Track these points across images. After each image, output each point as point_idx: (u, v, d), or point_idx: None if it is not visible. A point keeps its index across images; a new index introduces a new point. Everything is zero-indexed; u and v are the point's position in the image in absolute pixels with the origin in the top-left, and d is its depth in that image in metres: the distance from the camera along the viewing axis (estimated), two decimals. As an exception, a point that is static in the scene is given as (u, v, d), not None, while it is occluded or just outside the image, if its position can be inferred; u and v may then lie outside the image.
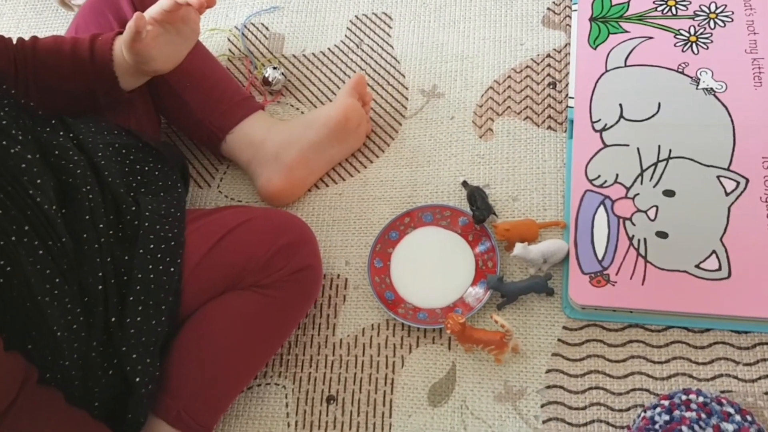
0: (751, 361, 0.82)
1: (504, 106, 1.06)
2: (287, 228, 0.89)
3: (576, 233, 0.91)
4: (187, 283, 0.83)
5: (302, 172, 1.03)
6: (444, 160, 1.04)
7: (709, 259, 0.86)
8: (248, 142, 1.02)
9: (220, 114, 1.02)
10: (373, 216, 1.02)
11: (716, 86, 0.97)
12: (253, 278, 0.85)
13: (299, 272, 0.88)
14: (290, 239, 0.88)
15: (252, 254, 0.86)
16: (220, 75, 1.05)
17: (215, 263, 0.85)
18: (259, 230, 0.88)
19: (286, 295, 0.87)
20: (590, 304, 0.87)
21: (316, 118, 1.02)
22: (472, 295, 0.92)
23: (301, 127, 1.02)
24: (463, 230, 0.97)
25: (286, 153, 1.00)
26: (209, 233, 0.87)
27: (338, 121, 1.01)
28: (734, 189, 0.89)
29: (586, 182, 0.94)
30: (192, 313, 0.85)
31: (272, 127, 1.02)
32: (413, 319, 0.91)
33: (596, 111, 0.99)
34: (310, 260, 0.90)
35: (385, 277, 0.96)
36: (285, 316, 0.89)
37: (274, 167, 1.01)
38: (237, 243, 0.86)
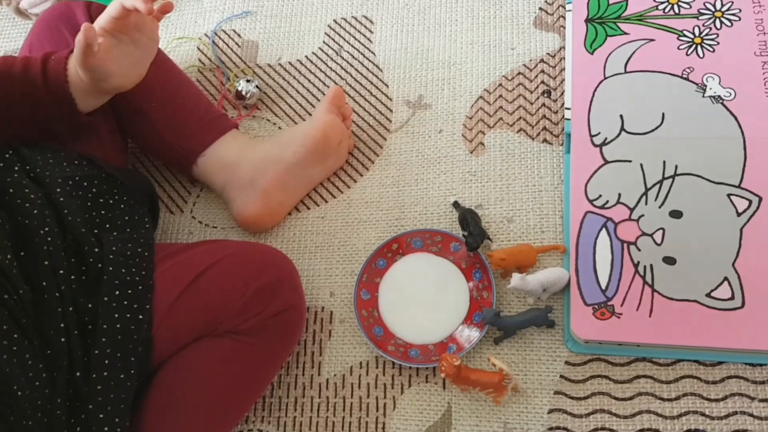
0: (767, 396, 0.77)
1: (495, 117, 0.99)
2: (265, 266, 0.82)
3: (577, 260, 0.84)
4: (157, 331, 0.77)
5: (280, 196, 0.95)
6: (433, 178, 0.97)
7: (720, 287, 0.80)
8: (221, 166, 0.94)
9: (189, 136, 0.94)
10: (358, 241, 0.95)
11: (724, 94, 0.90)
12: (229, 324, 0.79)
13: (280, 314, 0.81)
14: (268, 279, 0.81)
15: (227, 298, 0.79)
16: (188, 91, 0.97)
17: (187, 309, 0.78)
18: (234, 270, 0.81)
19: (266, 340, 0.80)
20: (594, 338, 0.80)
21: (294, 138, 0.94)
22: (467, 329, 0.86)
23: (277, 148, 0.94)
24: (456, 257, 0.90)
25: (262, 176, 0.93)
26: (180, 275, 0.80)
27: (317, 140, 0.93)
28: (746, 208, 0.83)
29: (587, 203, 0.87)
30: (164, 363, 0.78)
31: (247, 148, 0.95)
32: (404, 357, 0.85)
33: (595, 123, 0.91)
34: (291, 300, 0.83)
35: (373, 310, 0.89)
36: (266, 363, 0.82)
37: (250, 192, 0.94)
38: (210, 286, 0.79)
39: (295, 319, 0.84)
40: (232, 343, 0.79)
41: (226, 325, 0.79)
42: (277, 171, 0.93)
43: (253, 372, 0.81)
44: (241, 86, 1.04)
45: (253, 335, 0.79)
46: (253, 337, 0.79)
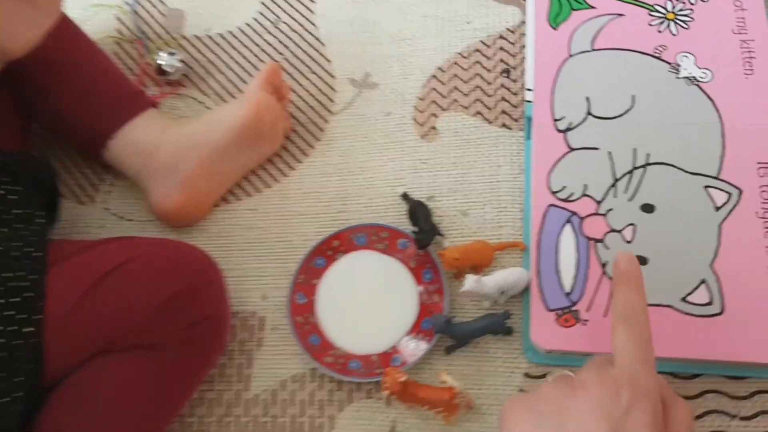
0: (748, 414, 0.69)
1: (450, 98, 0.88)
2: (180, 268, 0.71)
3: (538, 259, 0.75)
4: (50, 344, 0.65)
5: (206, 186, 0.84)
6: (380, 166, 0.86)
7: (697, 291, 0.71)
8: (136, 150, 0.82)
9: (98, 116, 0.81)
10: (295, 237, 0.84)
11: (700, 74, 0.81)
12: (136, 338, 0.67)
13: (197, 325, 0.70)
14: (184, 284, 0.69)
15: (133, 308, 0.67)
16: (99, 65, 0.84)
17: (86, 319, 0.66)
18: (144, 274, 0.69)
19: (181, 354, 0.69)
20: (557, 348, 0.71)
21: (221, 118, 0.82)
22: (415, 338, 0.76)
23: (202, 130, 0.82)
24: (404, 255, 0.80)
25: (184, 163, 0.81)
26: (79, 278, 0.68)
27: (248, 121, 0.82)
28: (725, 202, 0.74)
29: (549, 195, 0.78)
30: (57, 383, 0.66)
31: (167, 130, 0.83)
32: (344, 370, 0.75)
33: (559, 107, 0.82)
34: (211, 309, 0.72)
35: (310, 316, 0.78)
36: (181, 380, 0.71)
37: (170, 180, 0.82)
38: (115, 293, 0.67)
39: (216, 330, 0.73)
40: (140, 358, 0.67)
41: (132, 338, 0.67)
42: (202, 156, 0.81)
43: (166, 390, 0.70)
44: (163, 60, 0.91)
45: (165, 349, 0.68)
46: (165, 352, 0.68)
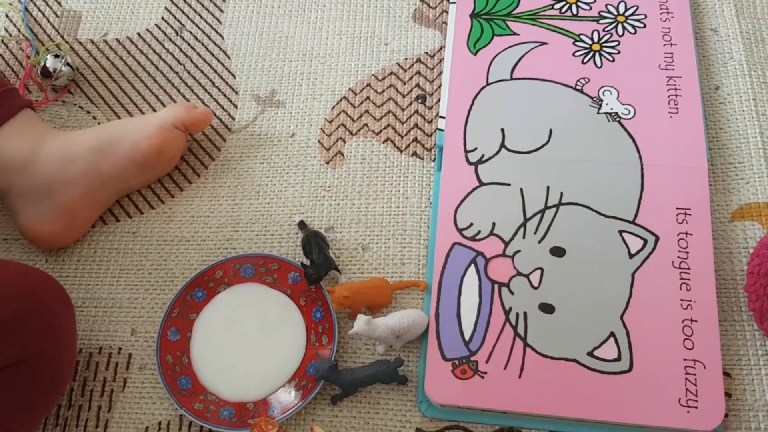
0: (655, 483, 0.62)
1: (360, 122, 0.82)
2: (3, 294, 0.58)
3: (439, 302, 0.68)
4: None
5: (87, 213, 0.75)
6: (278, 191, 0.79)
7: (605, 345, 0.65)
8: (3, 164, 0.72)
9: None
10: (176, 265, 0.75)
11: (622, 111, 0.76)
12: None
13: (11, 368, 0.57)
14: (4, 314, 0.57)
15: None
16: None
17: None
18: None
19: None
20: (451, 403, 0.64)
21: (117, 144, 0.73)
22: (296, 386, 0.67)
23: (90, 152, 0.73)
24: (294, 290, 0.72)
25: (65, 188, 0.72)
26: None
27: (148, 156, 0.74)
28: (640, 249, 0.69)
29: (455, 232, 0.71)
30: None
31: (43, 142, 0.73)
32: (213, 418, 0.66)
33: (472, 137, 0.76)
34: (33, 348, 0.58)
35: (183, 355, 0.70)
36: None
37: (46, 206, 0.72)
38: None
39: (44, 374, 0.60)
40: None
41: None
42: (88, 185, 0.73)
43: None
44: (48, 62, 0.83)
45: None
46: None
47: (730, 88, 0.79)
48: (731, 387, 0.65)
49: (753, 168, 0.74)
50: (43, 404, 0.63)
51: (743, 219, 0.72)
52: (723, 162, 0.75)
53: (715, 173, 0.75)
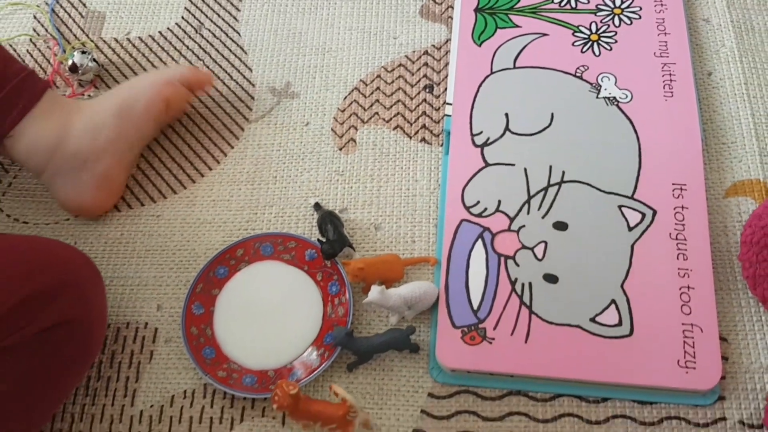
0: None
1: (371, 111, 0.86)
2: (42, 267, 0.63)
3: (447, 275, 0.72)
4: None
5: (122, 175, 0.81)
6: (294, 176, 0.83)
7: (607, 312, 0.69)
8: (37, 146, 0.76)
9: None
10: (198, 246, 0.79)
11: (620, 95, 0.80)
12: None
13: (51, 330, 0.61)
14: (43, 283, 0.61)
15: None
16: None
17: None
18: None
19: (33, 363, 0.61)
20: (461, 367, 0.68)
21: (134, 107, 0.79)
22: (316, 353, 0.71)
23: (114, 118, 0.78)
24: (311, 266, 0.76)
25: (99, 159, 0.77)
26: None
27: (161, 111, 0.81)
28: (639, 222, 0.73)
29: (463, 210, 0.75)
30: None
31: (70, 119, 0.77)
32: (237, 385, 0.70)
33: (477, 122, 0.80)
34: (71, 313, 0.63)
35: (206, 327, 0.74)
36: (32, 392, 0.63)
37: (83, 177, 0.77)
38: None
39: (76, 338, 0.64)
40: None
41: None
42: (118, 149, 0.79)
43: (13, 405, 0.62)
44: (76, 58, 0.87)
45: (12, 354, 0.60)
46: (11, 357, 0.60)
47: (722, 73, 0.83)
48: (727, 351, 0.69)
49: (745, 147, 0.78)
50: (77, 367, 0.67)
51: (737, 195, 0.76)
52: (717, 142, 0.79)
53: (709, 153, 0.79)
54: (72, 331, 0.63)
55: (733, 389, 0.67)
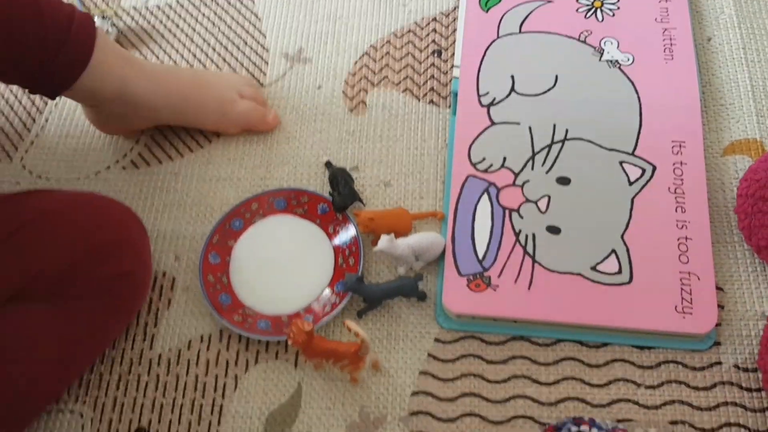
0: (655, 383, 0.68)
1: (381, 75, 0.89)
2: (100, 223, 0.69)
3: (454, 226, 0.75)
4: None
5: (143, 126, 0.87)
6: (306, 136, 0.86)
7: (607, 260, 0.72)
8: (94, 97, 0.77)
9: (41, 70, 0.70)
10: (214, 201, 0.82)
11: (622, 58, 0.83)
12: (48, 288, 0.65)
13: (112, 281, 0.68)
14: (103, 239, 0.68)
15: (48, 258, 0.65)
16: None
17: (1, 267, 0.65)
18: (63, 226, 0.67)
19: (91, 308, 0.67)
20: (466, 312, 0.71)
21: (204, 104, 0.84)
22: (328, 299, 0.74)
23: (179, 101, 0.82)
24: (323, 220, 0.79)
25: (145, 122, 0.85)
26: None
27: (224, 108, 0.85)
28: (639, 177, 0.75)
29: (469, 166, 0.78)
30: None
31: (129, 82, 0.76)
32: (252, 328, 0.73)
33: (484, 83, 0.83)
34: (130, 266, 0.69)
35: (222, 275, 0.77)
36: (88, 334, 0.68)
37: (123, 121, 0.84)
38: (30, 242, 0.66)
39: (132, 288, 0.71)
40: (49, 309, 0.65)
41: (43, 288, 0.65)
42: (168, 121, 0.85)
43: (72, 345, 0.66)
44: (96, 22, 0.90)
45: (76, 302, 0.66)
46: (76, 304, 0.66)
47: (722, 38, 0.86)
48: (724, 300, 0.72)
49: (743, 108, 0.81)
50: (134, 311, 0.73)
51: (734, 153, 0.79)
52: (715, 104, 0.82)
53: (708, 114, 0.81)
54: (126, 282, 0.69)
55: (728, 335, 0.70)
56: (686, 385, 0.68)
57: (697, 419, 0.66)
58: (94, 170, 0.86)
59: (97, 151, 0.87)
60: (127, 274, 0.70)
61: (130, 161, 0.86)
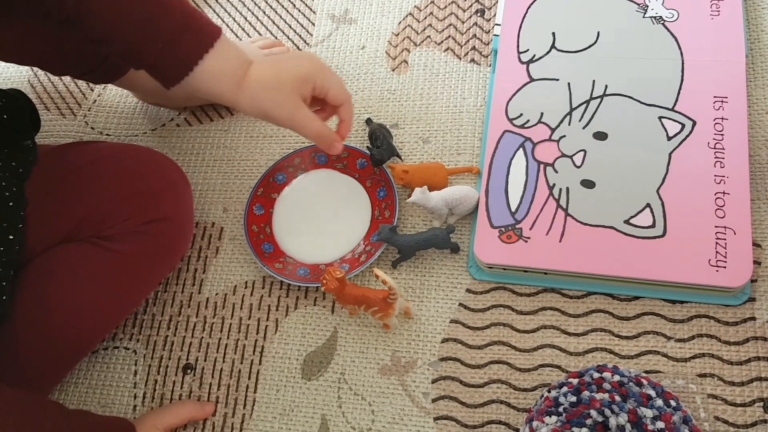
0: (685, 336, 0.68)
1: (423, 35, 0.90)
2: (143, 171, 0.74)
3: (488, 180, 0.76)
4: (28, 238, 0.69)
5: None
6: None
7: (641, 214, 0.72)
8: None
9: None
10: (260, 156, 0.86)
11: (666, 14, 0.82)
12: (93, 229, 0.70)
13: (152, 224, 0.72)
14: (145, 186, 0.73)
15: (94, 201, 0.71)
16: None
17: (50, 212, 0.70)
18: (107, 173, 0.73)
19: (134, 249, 0.71)
20: (497, 262, 0.72)
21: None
22: (363, 249, 0.77)
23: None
24: (361, 174, 0.82)
25: None
26: (47, 176, 0.71)
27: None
28: (678, 132, 0.75)
29: (506, 121, 0.79)
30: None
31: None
32: (292, 275, 0.76)
33: (524, 40, 0.83)
34: (168, 211, 0.74)
35: (266, 226, 0.81)
36: (132, 273, 0.73)
37: None
38: (78, 188, 0.71)
39: (171, 232, 0.75)
40: (94, 249, 0.70)
41: (89, 230, 0.70)
42: None
43: (117, 280, 0.72)
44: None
45: (119, 241, 0.71)
46: (119, 244, 0.71)
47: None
48: (761, 256, 0.71)
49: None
50: (177, 255, 0.77)
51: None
52: (763, 60, 0.80)
53: (754, 70, 0.79)
54: (168, 226, 0.73)
55: (764, 291, 0.69)
56: (717, 339, 0.68)
57: (727, 373, 0.66)
58: (150, 127, 0.91)
59: (154, 110, 0.92)
60: (168, 219, 0.73)
61: (184, 119, 0.91)
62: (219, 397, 0.74)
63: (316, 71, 0.66)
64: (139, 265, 0.73)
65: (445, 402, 0.69)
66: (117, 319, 0.75)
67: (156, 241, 0.74)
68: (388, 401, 0.70)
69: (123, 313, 0.76)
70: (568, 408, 0.62)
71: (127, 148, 0.78)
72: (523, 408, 0.68)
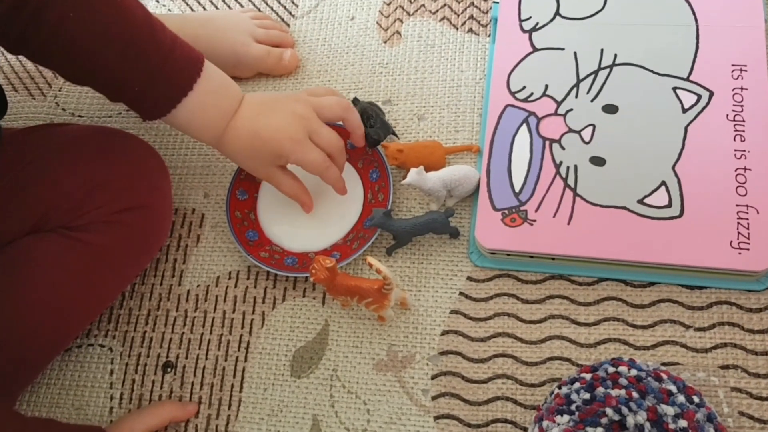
0: (705, 325, 0.63)
1: (417, 4, 0.84)
2: (116, 155, 0.69)
3: (489, 159, 0.70)
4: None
5: None
6: (338, 69, 0.82)
7: (656, 193, 0.66)
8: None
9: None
10: (244, 137, 0.80)
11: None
12: (62, 219, 0.65)
13: (126, 212, 0.67)
14: (118, 171, 0.67)
15: (63, 189, 0.65)
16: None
17: (15, 201, 0.65)
18: (77, 158, 0.67)
19: (107, 239, 0.66)
20: (500, 248, 0.66)
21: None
22: (355, 235, 0.71)
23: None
24: (352, 155, 0.76)
25: None
26: (11, 161, 0.66)
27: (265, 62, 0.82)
28: (694, 104, 0.69)
29: (508, 95, 0.73)
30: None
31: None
32: (278, 264, 0.71)
33: (526, 7, 0.77)
34: (144, 199, 0.68)
35: (250, 212, 0.75)
36: (106, 266, 0.67)
37: None
38: (45, 174, 0.66)
39: (149, 221, 0.70)
40: (62, 239, 0.64)
41: (56, 219, 0.65)
42: None
43: (90, 277, 0.66)
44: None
45: (89, 232, 0.65)
46: (88, 234, 0.65)
47: (795, -49, 0.77)
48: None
49: (817, 28, 0.73)
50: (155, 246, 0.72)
51: (805, 78, 0.71)
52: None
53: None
54: (144, 214, 0.68)
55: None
56: (740, 328, 0.62)
57: (751, 363, 0.61)
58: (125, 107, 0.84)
59: (128, 89, 0.86)
60: (143, 207, 0.68)
61: (161, 98, 0.84)
62: (202, 397, 0.68)
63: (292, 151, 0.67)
64: (113, 257, 0.68)
65: (446, 399, 0.64)
66: (90, 315, 0.70)
67: (131, 230, 0.68)
68: (384, 399, 0.65)
69: (97, 309, 0.70)
70: (581, 406, 0.57)
71: (99, 131, 0.72)
72: (530, 405, 0.62)
